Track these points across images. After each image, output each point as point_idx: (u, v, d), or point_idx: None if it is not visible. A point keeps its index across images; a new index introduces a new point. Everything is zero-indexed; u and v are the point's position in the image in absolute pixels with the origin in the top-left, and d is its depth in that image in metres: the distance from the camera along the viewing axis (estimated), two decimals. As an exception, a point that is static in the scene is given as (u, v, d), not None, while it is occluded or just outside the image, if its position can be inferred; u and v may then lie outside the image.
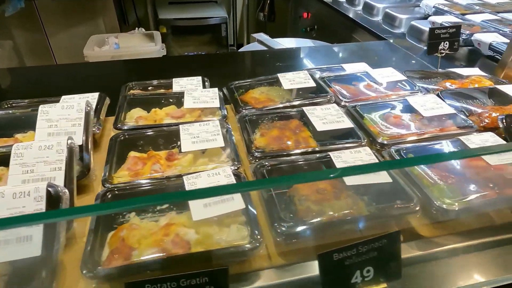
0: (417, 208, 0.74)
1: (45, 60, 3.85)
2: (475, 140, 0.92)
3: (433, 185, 0.81)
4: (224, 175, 0.79)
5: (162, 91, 1.26)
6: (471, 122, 1.01)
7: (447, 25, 1.70)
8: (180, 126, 0.96)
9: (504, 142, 0.92)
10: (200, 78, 1.31)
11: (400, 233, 0.63)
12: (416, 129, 1.01)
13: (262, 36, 2.79)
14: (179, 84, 1.28)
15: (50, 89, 1.42)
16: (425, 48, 2.00)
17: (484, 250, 0.78)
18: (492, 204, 0.78)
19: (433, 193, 0.77)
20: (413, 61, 1.77)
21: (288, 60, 1.91)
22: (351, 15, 2.64)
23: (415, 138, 0.96)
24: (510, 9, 2.18)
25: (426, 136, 0.97)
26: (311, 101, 1.12)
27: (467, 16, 2.04)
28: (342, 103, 1.13)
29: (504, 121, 0.96)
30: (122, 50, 3.44)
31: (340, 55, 1.99)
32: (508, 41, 1.59)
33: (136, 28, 3.85)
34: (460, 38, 1.78)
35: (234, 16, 5.04)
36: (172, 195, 0.59)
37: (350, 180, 0.78)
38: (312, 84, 1.18)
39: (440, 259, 0.76)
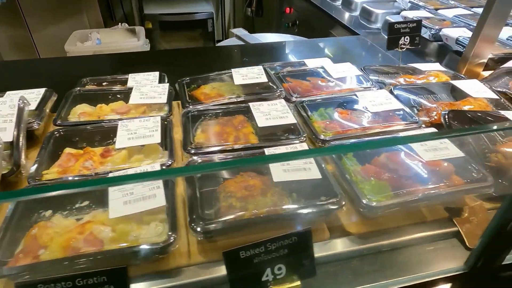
0: (341, 205, 0.73)
1: (28, 55, 3.83)
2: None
3: (364, 181, 0.80)
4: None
5: (117, 86, 1.25)
6: (416, 118, 1.00)
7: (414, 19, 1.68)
8: (120, 122, 0.95)
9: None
10: (157, 73, 1.29)
11: (310, 231, 0.62)
12: (361, 125, 1.00)
13: (240, 31, 2.77)
14: (135, 79, 1.27)
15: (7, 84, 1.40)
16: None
17: (412, 246, 0.77)
18: (421, 200, 0.77)
19: (362, 190, 0.77)
20: (380, 56, 1.76)
21: (256, 55, 1.89)
22: (330, 10, 2.62)
23: (356, 134, 0.95)
24: (483, 4, 2.16)
25: (368, 132, 0.96)
26: (259, 97, 1.11)
27: (440, 11, 2.02)
28: (292, 99, 1.11)
29: (446, 117, 0.95)
30: (104, 45, 3.42)
31: (310, 50, 1.97)
32: (474, 36, 1.58)
33: (120, 24, 3.83)
34: (430, 33, 1.78)
35: (223, 12, 5.01)
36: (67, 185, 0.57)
37: (278, 177, 0.77)
38: (264, 79, 1.17)
39: (365, 256, 0.75)
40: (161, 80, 1.26)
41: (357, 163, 0.86)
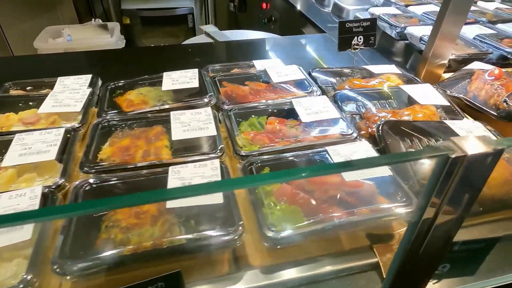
0: (239, 236, 0.63)
1: (0, 52, 3.70)
2: (343, 151, 0.81)
3: (274, 206, 0.70)
4: (30, 196, 0.69)
5: (42, 91, 1.14)
6: (352, 130, 0.91)
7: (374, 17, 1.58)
8: (16, 135, 0.85)
9: (375, 154, 0.81)
10: (89, 76, 1.19)
11: (179, 274, 0.52)
12: (290, 137, 0.90)
13: (210, 28, 2.66)
14: (63, 84, 1.17)
15: None
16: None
17: (326, 280, 0.68)
18: (336, 228, 0.68)
19: (268, 216, 0.67)
20: (343, 57, 1.65)
21: (212, 55, 1.79)
22: (303, 6, 2.51)
23: (280, 148, 0.85)
24: None
25: (296, 146, 0.86)
26: (187, 104, 1.01)
27: (410, 8, 1.91)
28: (224, 107, 1.01)
29: (380, 129, 0.85)
30: (75, 42, 3.30)
31: (270, 49, 1.86)
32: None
33: (93, 20, 3.71)
34: (395, 32, 1.68)
35: (205, 6, 4.88)
36: None
37: (171, 203, 0.68)
38: (195, 84, 1.07)
39: (267, 294, 0.66)
40: (92, 85, 1.16)
41: (276, 182, 0.77)
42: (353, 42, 1.28)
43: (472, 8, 1.92)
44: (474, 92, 1.19)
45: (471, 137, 0.44)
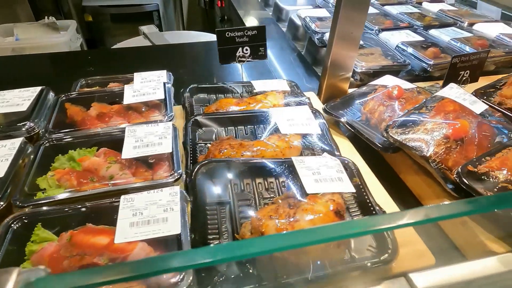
0: None
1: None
2: (139, 204, 0.66)
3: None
4: None
5: None
6: (178, 170, 0.75)
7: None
8: None
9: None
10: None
11: None
12: (105, 177, 0.74)
13: (150, 28, 2.50)
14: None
15: None
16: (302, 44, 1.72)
17: None
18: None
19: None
20: (254, 65, 1.49)
21: (116, 64, 1.61)
22: (244, 5, 2.34)
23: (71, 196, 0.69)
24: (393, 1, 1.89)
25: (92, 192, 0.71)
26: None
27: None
28: (47, 135, 0.85)
29: (194, 172, 0.69)
30: (22, 42, 3.15)
31: (184, 57, 1.69)
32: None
33: (46, 17, 3.55)
34: (316, 38, 1.51)
35: (178, 3, 4.71)
36: None
37: None
38: (23, 108, 0.91)
39: None
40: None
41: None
42: (237, 54, 1.11)
43: (413, 10, 1.74)
44: (367, 114, 1.03)
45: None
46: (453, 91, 0.97)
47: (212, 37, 2.19)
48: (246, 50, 1.12)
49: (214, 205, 0.68)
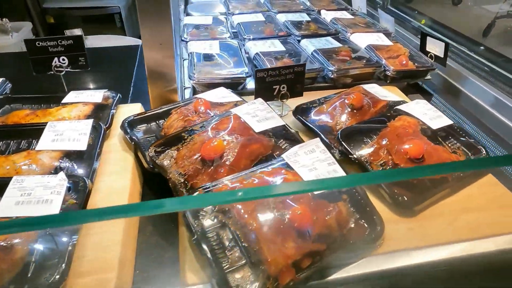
0: None
1: None
2: None
3: None
4: None
5: None
6: None
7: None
8: None
9: None
10: None
11: None
12: None
13: (71, 32, 2.49)
14: None
15: None
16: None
17: None
18: None
19: None
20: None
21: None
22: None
23: None
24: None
25: None
26: None
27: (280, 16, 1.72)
28: None
29: None
30: (-35, 44, 3.18)
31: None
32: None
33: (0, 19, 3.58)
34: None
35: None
36: None
37: None
38: None
39: None
40: None
41: None
42: (53, 64, 1.09)
43: (304, 18, 1.70)
44: (165, 130, 0.99)
45: None
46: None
47: (138, 42, 2.19)
48: (63, 59, 1.09)
49: None
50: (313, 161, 0.80)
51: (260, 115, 0.93)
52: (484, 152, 0.94)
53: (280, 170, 0.77)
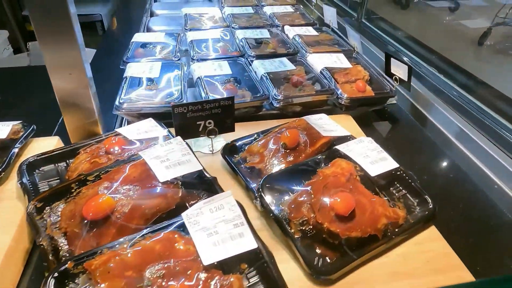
0: None
1: None
2: None
3: None
4: None
5: None
6: None
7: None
8: None
9: None
10: None
11: None
12: None
13: (35, 45, 2.39)
14: None
15: None
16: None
17: None
18: None
19: None
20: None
21: None
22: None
23: None
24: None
25: None
26: None
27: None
28: None
29: None
30: None
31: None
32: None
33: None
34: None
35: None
36: None
37: None
38: None
39: None
40: None
41: None
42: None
43: (263, 35, 1.58)
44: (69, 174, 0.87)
45: None
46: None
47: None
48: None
49: None
50: (216, 222, 0.68)
51: (173, 159, 0.81)
52: (430, 202, 0.81)
53: (171, 236, 0.65)
